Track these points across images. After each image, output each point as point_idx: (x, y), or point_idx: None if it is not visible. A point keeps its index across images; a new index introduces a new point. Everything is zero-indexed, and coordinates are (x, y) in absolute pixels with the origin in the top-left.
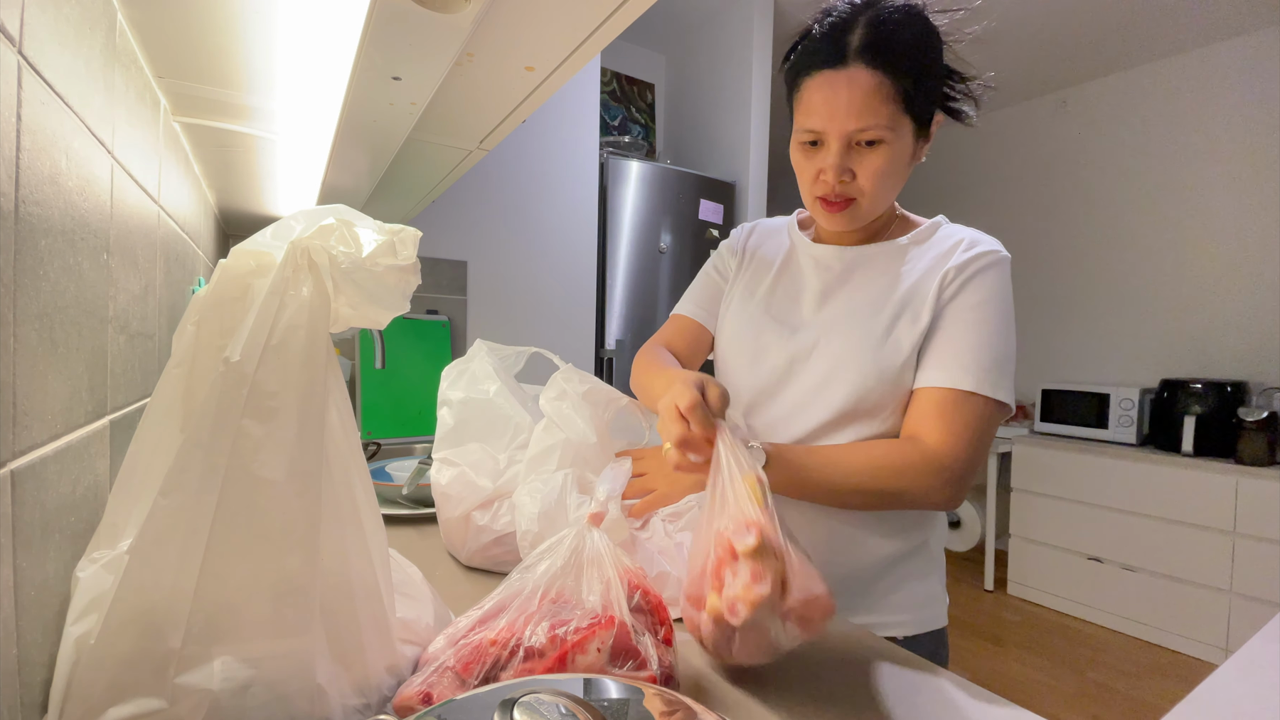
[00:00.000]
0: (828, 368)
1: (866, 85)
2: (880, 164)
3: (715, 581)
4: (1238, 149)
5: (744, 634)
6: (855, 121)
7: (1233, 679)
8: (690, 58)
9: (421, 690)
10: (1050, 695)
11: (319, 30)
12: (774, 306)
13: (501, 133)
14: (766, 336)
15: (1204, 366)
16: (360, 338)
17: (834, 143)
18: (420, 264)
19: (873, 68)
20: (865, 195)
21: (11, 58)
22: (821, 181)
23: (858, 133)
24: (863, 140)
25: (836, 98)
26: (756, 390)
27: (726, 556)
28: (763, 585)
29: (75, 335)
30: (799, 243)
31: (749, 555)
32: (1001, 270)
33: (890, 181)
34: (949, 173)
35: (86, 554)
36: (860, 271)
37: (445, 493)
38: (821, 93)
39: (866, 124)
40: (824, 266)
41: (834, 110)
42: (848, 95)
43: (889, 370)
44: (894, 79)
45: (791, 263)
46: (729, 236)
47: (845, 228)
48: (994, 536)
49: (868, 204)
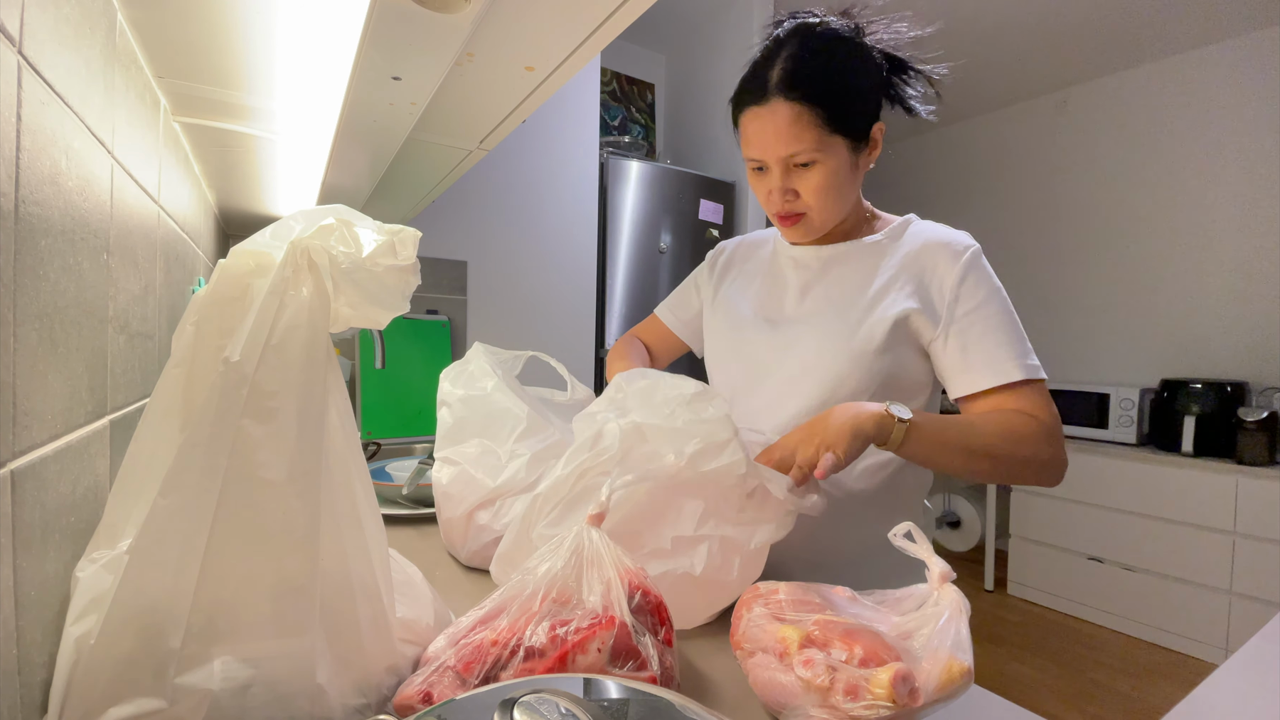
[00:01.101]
0: (806, 358)
1: (786, 116)
2: (818, 181)
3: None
4: (1238, 149)
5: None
6: (784, 148)
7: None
8: (690, 58)
9: (422, 690)
10: (1050, 695)
11: (319, 30)
12: (759, 306)
13: (501, 133)
14: (750, 331)
15: (1204, 366)
16: (360, 338)
17: (774, 167)
18: (420, 264)
19: (789, 100)
20: (812, 209)
21: (11, 58)
22: (771, 201)
23: (789, 158)
24: (796, 163)
25: (765, 130)
26: (742, 381)
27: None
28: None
29: (75, 335)
30: (780, 246)
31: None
32: (980, 261)
33: (833, 194)
34: (949, 172)
35: (86, 554)
36: (836, 268)
37: (446, 492)
38: (753, 125)
39: (794, 150)
40: (803, 265)
41: (765, 141)
42: (773, 127)
43: (864, 357)
44: (811, 106)
45: (774, 265)
46: (707, 256)
47: (803, 239)
48: (994, 536)
49: (817, 217)
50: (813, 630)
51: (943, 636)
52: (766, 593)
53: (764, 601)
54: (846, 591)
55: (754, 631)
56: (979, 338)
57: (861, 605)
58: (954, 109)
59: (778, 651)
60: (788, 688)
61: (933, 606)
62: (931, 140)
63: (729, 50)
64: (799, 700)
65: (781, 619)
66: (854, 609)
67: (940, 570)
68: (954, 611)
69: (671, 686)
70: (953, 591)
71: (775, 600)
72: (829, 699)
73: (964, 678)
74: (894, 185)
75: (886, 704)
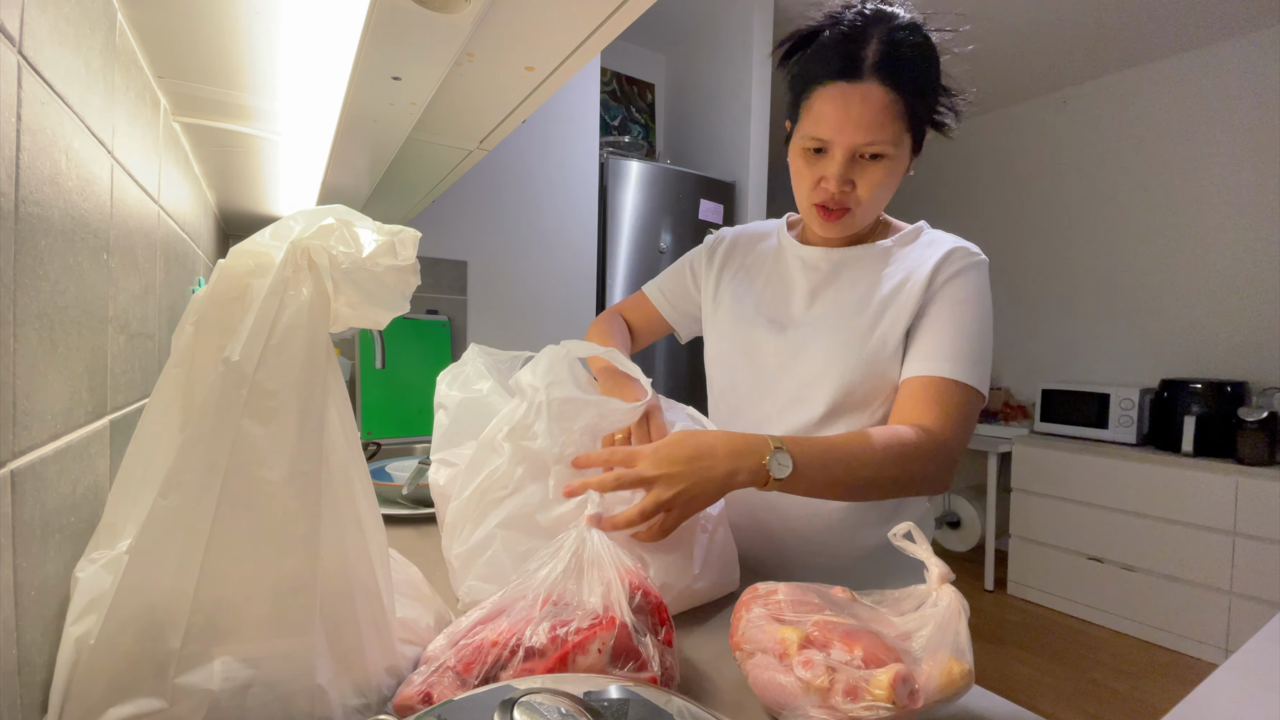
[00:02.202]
0: (817, 364)
1: (880, 101)
2: (880, 177)
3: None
4: (1238, 148)
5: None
6: (865, 135)
7: (1233, 679)
8: (690, 58)
9: (422, 690)
10: (1050, 695)
11: (319, 30)
12: (764, 306)
13: (501, 133)
14: (758, 334)
15: (1204, 366)
16: (360, 338)
17: (839, 153)
18: (420, 264)
19: (886, 85)
20: (861, 205)
21: (11, 58)
22: (822, 189)
23: (865, 146)
24: (867, 154)
25: (849, 110)
26: (749, 386)
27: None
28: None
29: (75, 335)
30: (787, 244)
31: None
32: (981, 271)
33: (885, 194)
34: (949, 172)
35: (86, 554)
36: (847, 272)
37: (443, 493)
38: (834, 104)
39: (875, 138)
40: (812, 267)
41: (845, 123)
42: (860, 109)
43: (876, 365)
44: (904, 97)
45: (780, 264)
46: (704, 242)
47: (839, 235)
48: (994, 536)
49: (862, 214)
50: (812, 631)
51: (942, 638)
52: (766, 593)
53: (763, 602)
54: (845, 592)
55: (753, 632)
56: (931, 326)
57: (861, 605)
58: None
59: (777, 652)
60: (787, 688)
61: (932, 607)
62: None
63: (729, 50)
64: (799, 701)
65: (781, 620)
66: (853, 609)
67: (940, 571)
68: (953, 612)
69: (672, 687)
70: (952, 592)
71: (774, 601)
72: (829, 700)
73: (965, 679)
74: None
75: (886, 705)
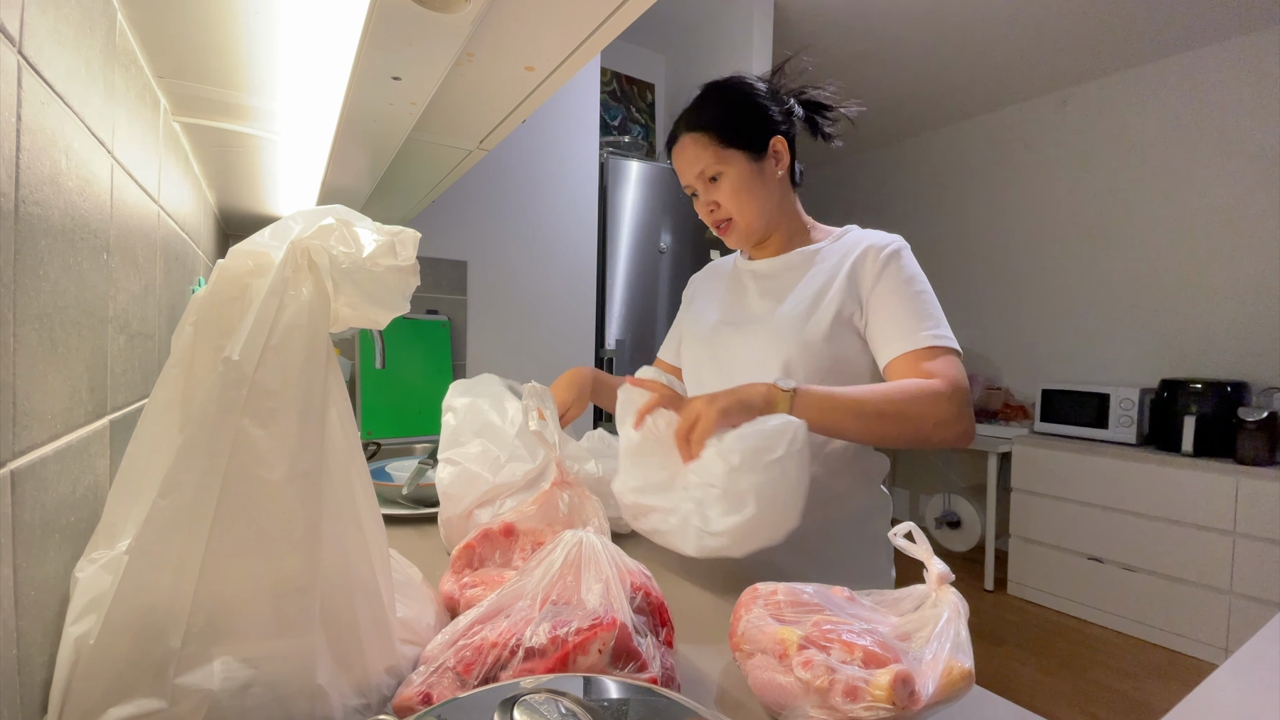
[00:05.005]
0: (764, 349)
1: (688, 144)
2: (727, 188)
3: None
4: (1238, 148)
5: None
6: (693, 168)
7: (1233, 679)
8: (690, 58)
9: (421, 690)
10: (1050, 695)
11: (319, 30)
12: (725, 312)
13: (501, 133)
14: (721, 335)
15: (1204, 366)
16: (360, 338)
17: (694, 188)
18: (420, 264)
19: (689, 131)
20: (733, 213)
21: (11, 58)
22: (706, 216)
23: (699, 176)
24: (707, 178)
25: (681, 160)
26: (711, 375)
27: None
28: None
29: (75, 335)
30: (741, 264)
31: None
32: (906, 252)
33: (744, 196)
34: (949, 172)
35: (85, 554)
36: (786, 273)
37: (447, 492)
38: (675, 162)
39: (700, 167)
40: (760, 275)
41: (682, 168)
42: (683, 155)
43: (811, 346)
44: (703, 130)
45: (736, 280)
46: (683, 296)
47: (739, 245)
48: (994, 536)
49: (740, 219)
50: (812, 631)
51: (942, 638)
52: (765, 593)
53: (763, 602)
54: (845, 592)
55: (753, 633)
56: (891, 312)
57: (860, 606)
58: (955, 108)
59: (777, 653)
60: (787, 689)
61: (931, 608)
62: (932, 140)
63: (729, 50)
64: (798, 701)
65: (780, 620)
66: (852, 609)
67: (939, 572)
68: (953, 613)
69: (672, 687)
70: (951, 593)
71: (774, 601)
72: (828, 700)
73: (965, 680)
74: (896, 184)
75: (886, 706)
